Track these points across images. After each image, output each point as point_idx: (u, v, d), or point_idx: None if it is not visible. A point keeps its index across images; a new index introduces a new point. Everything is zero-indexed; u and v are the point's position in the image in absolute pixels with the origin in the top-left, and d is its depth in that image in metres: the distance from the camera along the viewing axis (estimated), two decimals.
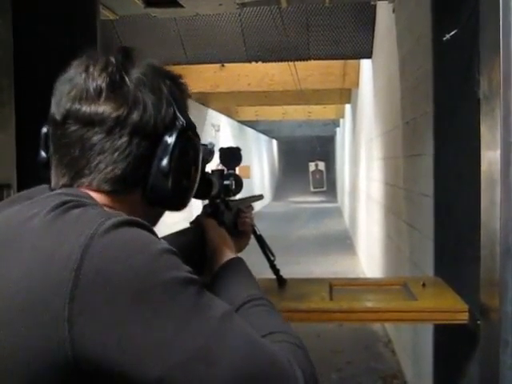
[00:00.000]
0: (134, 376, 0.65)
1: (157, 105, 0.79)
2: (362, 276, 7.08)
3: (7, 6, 2.09)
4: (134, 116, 0.76)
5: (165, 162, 0.79)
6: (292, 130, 20.32)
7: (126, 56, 0.79)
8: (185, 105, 0.85)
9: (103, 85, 0.75)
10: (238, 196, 1.35)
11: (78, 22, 2.19)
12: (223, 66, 7.89)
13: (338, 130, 18.74)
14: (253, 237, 1.71)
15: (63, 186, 0.78)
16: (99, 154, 0.76)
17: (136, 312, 0.65)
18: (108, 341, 0.64)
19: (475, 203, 1.60)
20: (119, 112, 0.75)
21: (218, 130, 12.46)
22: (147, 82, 0.79)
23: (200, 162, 0.86)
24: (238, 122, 15.58)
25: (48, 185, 0.81)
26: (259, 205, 17.21)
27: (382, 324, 5.02)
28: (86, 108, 0.75)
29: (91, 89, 0.75)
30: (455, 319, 1.73)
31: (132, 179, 0.78)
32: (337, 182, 21.12)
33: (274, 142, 27.52)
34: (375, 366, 4.23)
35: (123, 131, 0.76)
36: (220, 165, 1.28)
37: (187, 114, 0.83)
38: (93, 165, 0.76)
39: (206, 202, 1.19)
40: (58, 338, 0.63)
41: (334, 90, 9.25)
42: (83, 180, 0.77)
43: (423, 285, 1.98)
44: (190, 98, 0.87)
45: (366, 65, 7.06)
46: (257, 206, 1.53)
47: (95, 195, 0.77)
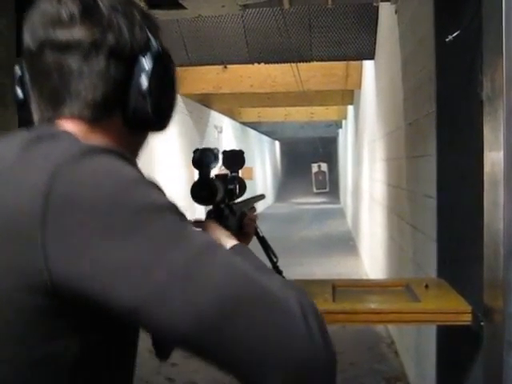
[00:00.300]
0: (110, 303, 0.64)
1: (131, 28, 0.80)
2: (364, 277, 7.07)
3: (11, 6, 2.10)
4: (110, 39, 0.77)
5: (143, 84, 0.80)
6: (294, 131, 20.33)
7: None
8: (157, 32, 0.85)
9: (77, 10, 0.76)
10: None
11: None
12: (226, 67, 7.89)
13: (340, 131, 18.74)
14: (255, 238, 1.71)
15: (48, 120, 0.79)
16: (78, 78, 0.77)
17: (108, 237, 0.64)
18: (81, 266, 0.64)
19: (478, 204, 1.60)
20: (95, 36, 0.76)
21: (221, 132, 12.47)
22: (120, 7, 0.80)
23: (176, 85, 0.87)
24: (241, 123, 15.59)
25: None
26: (262, 206, 17.21)
27: (385, 325, 5.01)
28: (62, 34, 0.76)
29: (65, 15, 0.76)
30: (458, 320, 1.73)
31: (111, 103, 0.79)
32: (339, 183, 21.12)
33: (277, 143, 27.53)
34: (378, 368, 4.22)
35: (100, 54, 0.77)
36: (223, 167, 1.28)
37: (160, 41, 0.85)
38: (72, 90, 0.77)
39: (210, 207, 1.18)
40: (36, 267, 0.64)
41: (336, 91, 9.25)
42: (65, 110, 0.78)
43: (426, 286, 1.98)
44: (160, 30, 0.88)
45: (368, 66, 7.06)
46: (259, 207, 1.53)
47: (77, 128, 0.78)
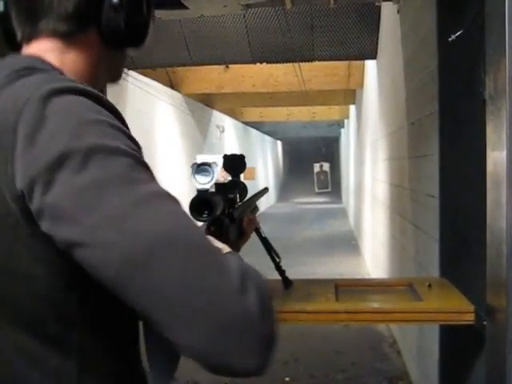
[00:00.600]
0: (54, 234, 0.66)
1: None
2: (366, 277, 7.07)
3: None
4: None
5: None
6: (297, 130, 20.32)
7: None
8: None
9: None
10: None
11: None
12: (228, 67, 7.90)
13: (342, 130, 18.72)
14: (258, 238, 1.72)
15: (27, 36, 0.82)
16: None
17: (59, 172, 0.65)
18: (38, 196, 0.66)
19: (481, 204, 1.60)
20: None
21: (223, 131, 12.47)
22: None
23: (151, 4, 0.88)
24: (243, 123, 15.59)
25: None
26: (263, 206, 17.21)
27: (387, 325, 5.01)
28: None
29: None
30: (461, 320, 1.73)
31: (84, 16, 0.81)
32: (341, 183, 21.10)
33: (279, 143, 27.51)
34: (380, 367, 4.22)
35: None
36: (223, 171, 1.28)
37: None
38: (45, 3, 0.80)
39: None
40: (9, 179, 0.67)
41: (338, 90, 9.25)
42: (41, 25, 0.80)
43: (429, 285, 1.98)
44: None
45: (370, 65, 7.06)
46: (261, 206, 1.54)
47: (54, 46, 0.81)
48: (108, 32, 0.83)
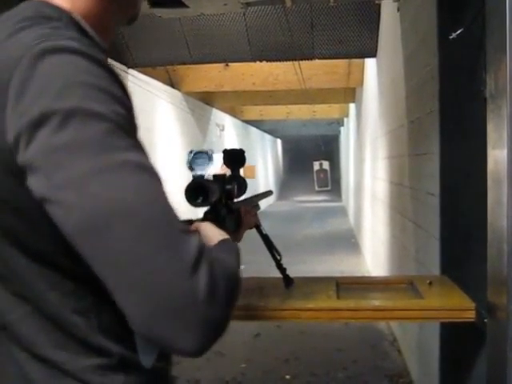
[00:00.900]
0: (31, 188, 0.68)
1: None
2: (367, 275, 7.07)
3: None
4: None
5: None
6: (296, 129, 20.33)
7: None
8: None
9: None
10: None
11: None
12: (228, 65, 7.89)
13: (342, 129, 18.72)
14: (259, 236, 1.72)
15: None
16: None
17: (39, 132, 0.67)
18: (21, 151, 0.68)
19: (481, 202, 1.60)
20: None
21: (223, 130, 12.47)
22: None
23: None
24: (243, 121, 15.59)
25: None
26: (264, 204, 17.21)
27: (387, 323, 5.02)
28: None
29: None
30: (462, 317, 1.73)
31: None
32: (341, 181, 21.10)
33: (279, 141, 27.52)
34: (381, 365, 4.23)
35: None
36: (224, 166, 1.28)
37: None
38: None
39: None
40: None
41: (338, 89, 9.25)
42: None
43: (430, 283, 1.99)
44: None
45: (370, 64, 7.06)
46: (262, 205, 1.55)
47: None
48: None
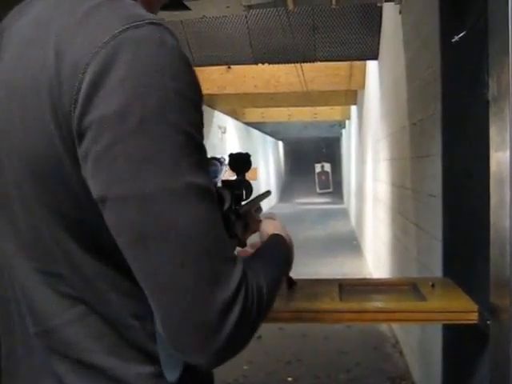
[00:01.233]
0: (89, 182, 0.67)
1: None
2: (368, 277, 7.07)
3: None
4: None
5: None
6: (298, 131, 20.33)
7: None
8: None
9: None
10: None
11: None
12: (229, 67, 7.90)
13: (343, 131, 18.73)
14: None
15: None
16: None
17: (110, 130, 0.65)
18: (86, 142, 0.66)
19: (484, 204, 1.61)
20: None
21: (225, 132, 12.47)
22: None
23: None
24: (245, 123, 15.59)
25: None
26: (265, 206, 17.19)
27: (389, 325, 5.02)
28: None
29: None
30: (465, 319, 1.73)
31: None
32: (343, 183, 21.10)
33: (280, 143, 27.51)
34: (383, 367, 4.23)
35: None
36: (228, 170, 1.28)
37: None
38: None
39: None
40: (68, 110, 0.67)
41: (340, 91, 9.26)
42: None
43: (432, 285, 1.99)
44: None
45: (372, 66, 7.07)
46: (263, 207, 1.55)
47: None
48: None
